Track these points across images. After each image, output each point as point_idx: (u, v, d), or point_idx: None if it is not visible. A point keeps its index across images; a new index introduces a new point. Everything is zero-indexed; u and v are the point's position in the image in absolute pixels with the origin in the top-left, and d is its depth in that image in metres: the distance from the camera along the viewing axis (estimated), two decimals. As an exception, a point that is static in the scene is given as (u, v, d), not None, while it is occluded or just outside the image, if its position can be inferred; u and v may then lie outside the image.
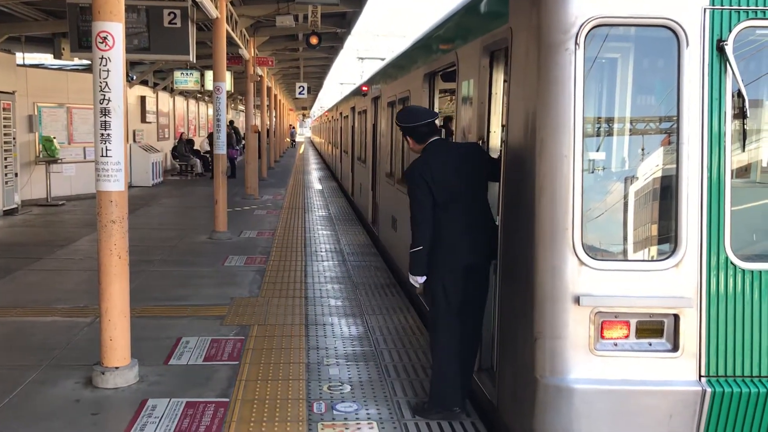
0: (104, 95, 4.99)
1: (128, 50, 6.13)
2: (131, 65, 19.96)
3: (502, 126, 4.66)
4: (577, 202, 3.68)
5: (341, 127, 21.26)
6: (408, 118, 4.86)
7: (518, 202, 4.08)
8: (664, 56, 3.80)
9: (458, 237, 4.57)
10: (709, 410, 3.68)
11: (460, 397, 4.68)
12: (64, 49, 15.02)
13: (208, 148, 24.30)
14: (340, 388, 5.21)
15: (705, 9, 3.67)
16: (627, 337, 3.75)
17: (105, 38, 4.93)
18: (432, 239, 4.61)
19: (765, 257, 3.80)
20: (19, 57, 16.21)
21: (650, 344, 3.74)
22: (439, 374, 4.65)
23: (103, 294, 5.13)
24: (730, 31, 3.67)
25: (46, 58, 20.25)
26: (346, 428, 4.55)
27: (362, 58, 51.57)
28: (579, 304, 3.68)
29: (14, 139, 14.39)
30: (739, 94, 3.68)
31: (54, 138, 16.10)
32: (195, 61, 13.06)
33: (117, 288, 5.14)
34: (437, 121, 4.96)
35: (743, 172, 3.92)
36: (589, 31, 3.67)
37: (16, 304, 7.45)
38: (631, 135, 3.95)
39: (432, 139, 4.76)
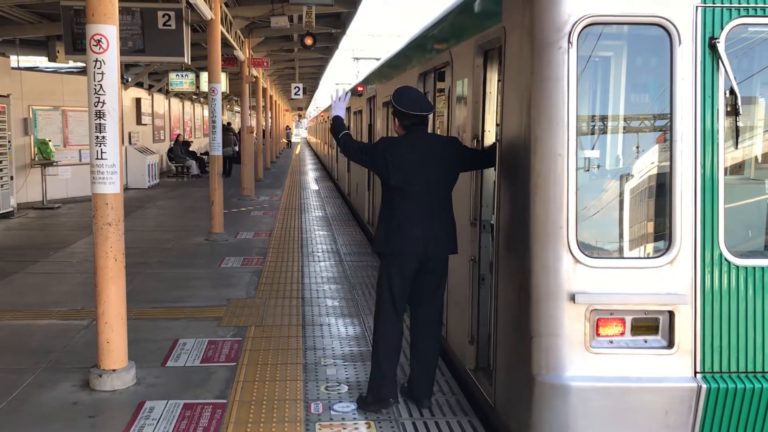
0: (99, 98, 4.99)
1: (123, 52, 6.13)
2: (126, 67, 19.92)
3: (497, 125, 4.67)
4: (572, 200, 3.70)
5: (337, 128, 21.21)
6: (403, 102, 4.70)
7: (513, 201, 4.09)
8: (656, 54, 3.82)
9: (412, 226, 4.55)
10: (705, 406, 3.69)
11: (396, 389, 4.82)
12: (58, 51, 15.02)
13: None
14: (338, 388, 5.22)
15: (697, 7, 3.68)
16: (622, 334, 3.76)
17: (99, 41, 4.93)
18: (386, 220, 4.62)
19: (759, 254, 3.82)
20: (14, 60, 16.18)
21: (645, 341, 3.76)
22: (377, 367, 4.74)
23: (100, 296, 5.13)
24: (722, 28, 3.68)
25: (41, 61, 20.21)
26: (344, 428, 4.56)
27: (357, 58, 51.57)
28: (574, 302, 3.69)
29: (9, 142, 14.35)
30: (732, 92, 3.70)
31: (49, 141, 16.08)
32: (190, 63, 13.05)
33: (113, 290, 5.14)
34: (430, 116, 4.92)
35: (737, 169, 3.94)
36: (581, 30, 3.68)
37: (12, 307, 7.44)
38: (624, 133, 3.96)
39: (416, 128, 4.71)
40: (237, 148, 25.16)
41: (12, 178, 14.42)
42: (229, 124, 29.67)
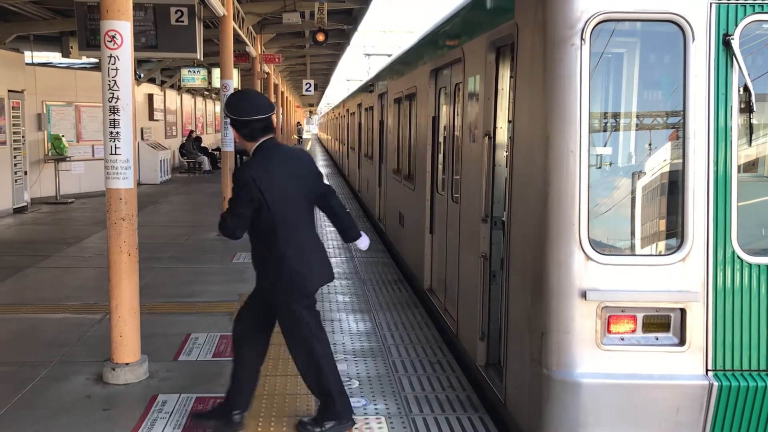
0: (113, 93, 5.02)
1: (136, 48, 6.17)
2: (139, 63, 20.02)
3: (509, 121, 4.67)
4: (584, 197, 3.69)
5: (348, 124, 21.27)
6: (239, 110, 4.13)
7: (525, 197, 4.09)
8: (669, 51, 3.80)
9: (306, 257, 4.21)
10: (716, 404, 3.69)
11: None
12: (72, 47, 15.08)
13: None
14: (349, 383, 5.24)
15: (711, 3, 3.67)
16: (634, 331, 3.76)
17: (113, 37, 4.96)
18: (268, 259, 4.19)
19: (772, 252, 3.80)
20: (28, 56, 16.28)
21: (657, 338, 3.75)
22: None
23: (113, 291, 5.17)
24: (737, 25, 3.67)
25: (55, 57, 20.33)
26: (355, 423, 4.58)
27: (369, 55, 51.54)
28: (586, 299, 3.69)
29: (23, 137, 14.49)
30: (746, 89, 3.68)
31: (63, 136, 16.19)
32: (202, 59, 13.10)
33: (127, 285, 5.18)
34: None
35: (750, 166, 3.92)
36: (594, 27, 3.67)
37: (26, 301, 7.51)
38: (637, 130, 3.95)
39: (265, 138, 4.18)
40: None
41: (26, 173, 14.55)
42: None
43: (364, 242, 4.65)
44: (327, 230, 12.62)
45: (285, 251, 4.14)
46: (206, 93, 31.79)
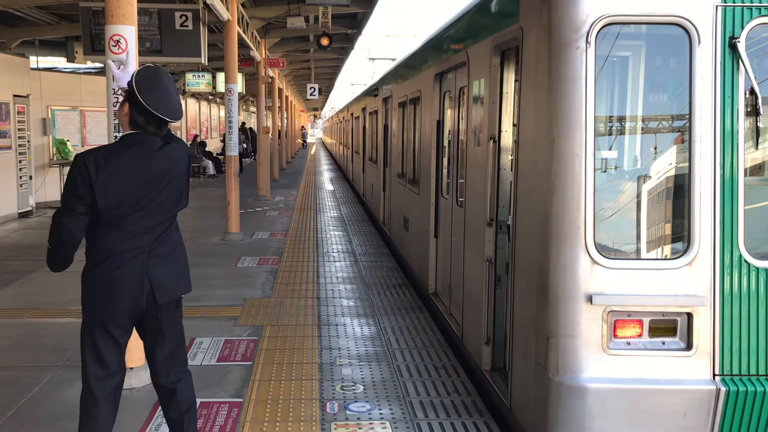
0: (118, 98, 5.02)
1: (140, 53, 6.18)
2: (143, 68, 20.04)
3: (514, 125, 4.66)
4: (589, 201, 3.68)
5: (352, 128, 21.29)
6: (141, 83, 3.51)
7: (530, 201, 4.08)
8: (675, 54, 3.79)
9: (133, 269, 3.55)
10: (724, 409, 3.66)
11: None
12: (77, 52, 15.14)
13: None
14: (353, 388, 5.23)
15: (717, 6, 3.66)
16: (640, 336, 3.74)
17: (118, 41, 4.97)
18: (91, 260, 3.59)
19: (779, 255, 3.78)
20: (33, 61, 16.33)
21: (663, 343, 3.73)
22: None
23: (118, 295, 5.15)
24: (743, 28, 3.65)
25: (60, 62, 20.39)
26: (359, 428, 4.56)
27: (373, 59, 51.55)
28: (592, 303, 3.67)
29: (28, 142, 14.52)
30: (752, 92, 3.67)
31: (68, 141, 16.24)
32: (207, 63, 13.13)
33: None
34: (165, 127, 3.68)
35: (757, 170, 3.90)
36: (600, 30, 3.66)
37: (31, 305, 7.51)
38: (643, 133, 3.94)
39: (136, 132, 3.57)
40: (244, 145, 25.32)
41: (31, 177, 14.58)
42: (243, 123, 29.79)
43: None
44: (332, 234, 12.61)
45: None
46: (211, 97, 31.86)
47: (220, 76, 21.83)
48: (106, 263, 3.53)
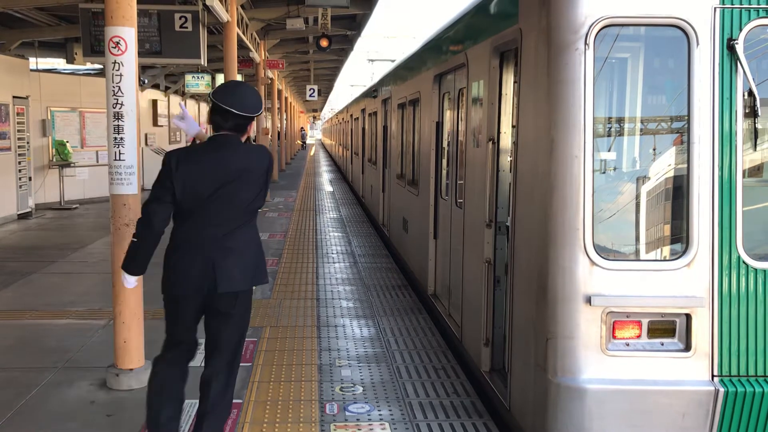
0: (117, 99, 5.04)
1: (140, 54, 6.18)
2: (143, 69, 20.05)
3: (513, 126, 4.67)
4: (588, 202, 3.68)
5: (351, 129, 21.30)
6: (217, 89, 3.97)
7: (529, 203, 4.08)
8: (674, 56, 3.80)
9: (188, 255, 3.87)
10: (722, 410, 3.67)
11: None
12: (76, 53, 15.14)
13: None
14: (353, 389, 5.23)
15: (715, 8, 3.66)
16: (639, 337, 3.74)
17: (118, 43, 4.98)
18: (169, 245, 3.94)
19: (778, 257, 3.78)
20: (33, 62, 16.33)
21: (662, 344, 3.74)
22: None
23: (117, 297, 5.17)
24: (741, 29, 3.66)
25: (59, 63, 20.38)
26: (359, 429, 4.57)
27: (372, 60, 51.54)
28: (590, 304, 3.68)
29: (28, 143, 14.53)
30: (750, 93, 3.68)
31: (67, 142, 16.23)
32: (206, 65, 13.12)
33: (130, 291, 5.17)
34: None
35: (755, 171, 3.91)
36: (598, 31, 3.67)
37: (31, 307, 7.51)
38: (641, 135, 3.94)
39: (218, 133, 3.93)
40: None
41: (30, 178, 14.58)
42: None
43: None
44: (331, 236, 12.62)
45: None
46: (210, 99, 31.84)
47: (220, 78, 21.84)
48: (181, 250, 3.91)
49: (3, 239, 11.98)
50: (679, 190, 3.78)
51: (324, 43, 15.44)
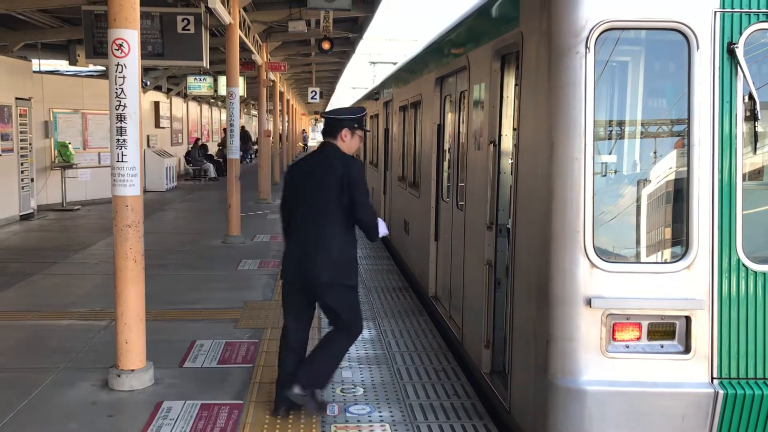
0: (120, 101, 5.06)
1: (143, 56, 6.20)
2: (145, 71, 20.10)
3: (514, 129, 4.68)
4: (589, 205, 3.70)
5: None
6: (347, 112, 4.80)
7: (530, 205, 4.10)
8: (674, 59, 3.81)
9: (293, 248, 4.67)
10: (722, 412, 3.68)
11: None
12: (79, 55, 15.19)
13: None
14: (353, 390, 5.24)
15: (715, 12, 3.68)
16: (639, 339, 3.76)
17: (120, 45, 5.00)
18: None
19: (777, 260, 3.79)
20: (35, 64, 16.39)
21: (662, 346, 3.75)
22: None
23: (119, 297, 5.19)
24: (741, 33, 3.67)
25: (62, 65, 20.44)
26: (359, 430, 4.58)
27: (374, 63, 51.58)
28: (591, 307, 3.69)
29: (30, 144, 14.56)
30: (750, 97, 3.69)
31: (69, 143, 16.26)
32: (208, 67, 13.16)
33: (132, 291, 5.19)
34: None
35: (755, 174, 3.92)
36: (599, 35, 3.69)
37: (33, 307, 7.53)
38: (642, 138, 3.96)
39: (326, 140, 4.73)
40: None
41: (32, 180, 14.61)
42: (242, 127, 29.84)
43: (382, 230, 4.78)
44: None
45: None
46: (212, 101, 31.91)
47: (222, 80, 21.90)
48: (288, 246, 4.72)
49: (5, 240, 12.00)
50: (679, 193, 3.79)
51: (326, 45, 15.45)
